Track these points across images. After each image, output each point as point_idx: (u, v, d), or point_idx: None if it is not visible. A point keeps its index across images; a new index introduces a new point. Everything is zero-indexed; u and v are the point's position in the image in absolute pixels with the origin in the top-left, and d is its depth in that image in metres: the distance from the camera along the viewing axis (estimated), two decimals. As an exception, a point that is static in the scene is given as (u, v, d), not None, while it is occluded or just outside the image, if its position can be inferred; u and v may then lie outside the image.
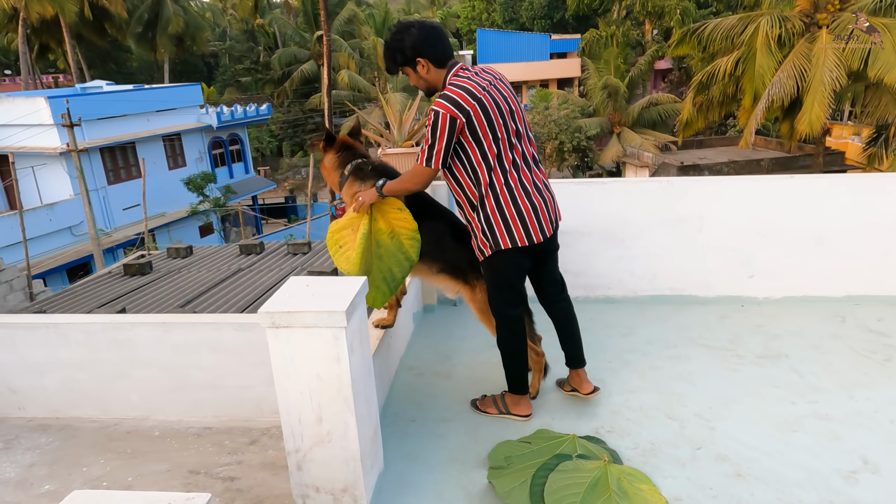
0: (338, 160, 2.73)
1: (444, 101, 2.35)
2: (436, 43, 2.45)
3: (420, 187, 2.52)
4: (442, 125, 2.33)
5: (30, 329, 3.39)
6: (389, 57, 2.51)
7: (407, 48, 2.43)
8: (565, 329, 2.71)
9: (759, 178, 3.50)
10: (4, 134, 18.51)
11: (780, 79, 14.82)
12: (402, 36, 2.44)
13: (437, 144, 2.37)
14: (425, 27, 2.46)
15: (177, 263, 8.11)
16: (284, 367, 1.88)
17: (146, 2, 31.43)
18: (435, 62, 2.46)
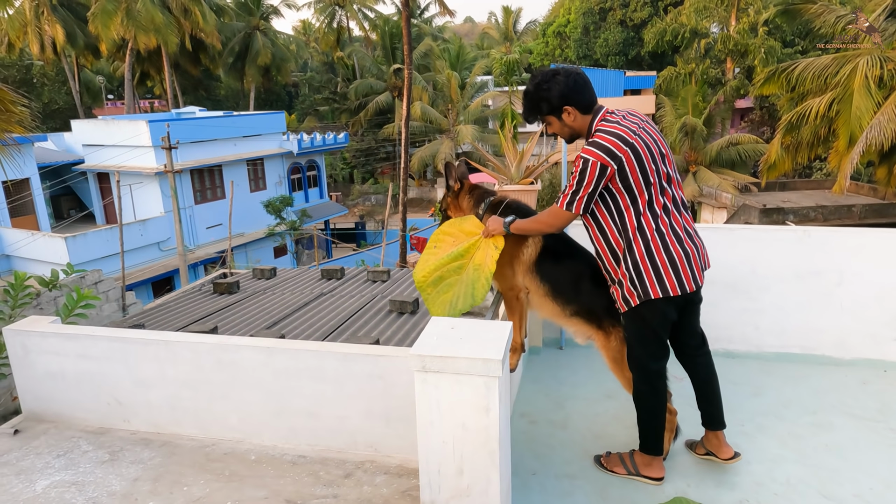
0: (472, 200, 2.70)
1: (596, 148, 2.26)
2: (583, 89, 2.36)
3: (554, 230, 2.43)
4: (591, 173, 2.25)
5: (142, 345, 3.48)
6: (533, 107, 2.42)
7: (554, 97, 2.35)
8: (705, 387, 2.50)
9: (909, 231, 3.18)
10: (108, 154, 19.93)
11: (881, 121, 13.97)
12: (549, 84, 2.35)
13: (582, 191, 2.29)
14: (571, 74, 2.37)
15: (262, 284, 8.30)
16: (429, 413, 1.78)
17: (238, 35, 33.47)
18: (582, 109, 2.37)
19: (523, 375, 3.36)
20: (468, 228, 2.61)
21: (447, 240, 2.60)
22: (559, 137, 2.50)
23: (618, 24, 40.24)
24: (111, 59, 33.79)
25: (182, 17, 27.19)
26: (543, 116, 2.42)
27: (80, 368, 3.48)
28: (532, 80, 2.42)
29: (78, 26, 27.56)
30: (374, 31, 39.57)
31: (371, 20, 40.13)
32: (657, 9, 39.03)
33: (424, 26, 41.00)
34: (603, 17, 40.97)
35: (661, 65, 38.04)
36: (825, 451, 2.59)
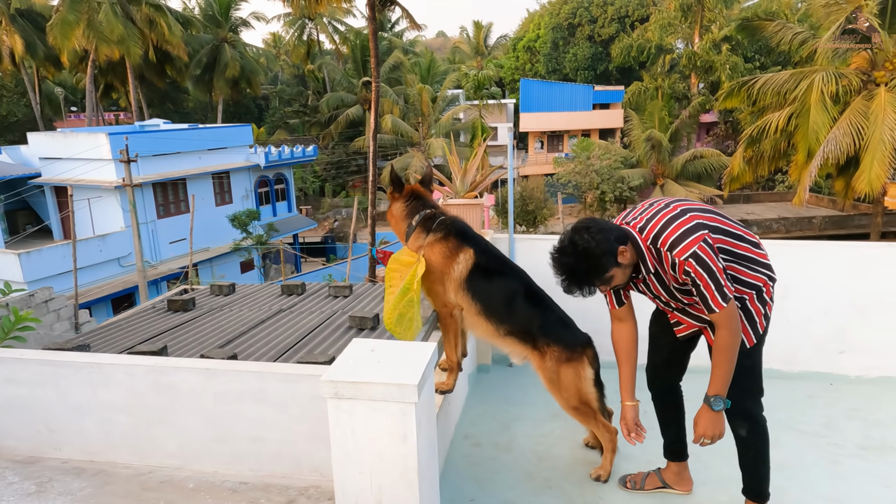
0: (406, 210, 2.58)
1: (686, 239, 2.07)
2: (609, 225, 2.19)
3: (737, 331, 2.16)
4: (708, 256, 2.05)
5: (74, 368, 3.30)
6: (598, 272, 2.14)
7: (607, 247, 2.11)
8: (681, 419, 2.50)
9: (854, 245, 3.20)
10: (65, 167, 19.39)
11: (836, 136, 14.41)
12: (592, 244, 2.10)
13: (719, 276, 2.07)
14: (592, 221, 2.17)
15: (219, 301, 8.09)
16: (344, 442, 1.68)
17: (206, 47, 33.07)
18: (627, 240, 2.17)
19: (470, 395, 3.27)
20: (405, 259, 2.55)
21: (395, 276, 2.56)
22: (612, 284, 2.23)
23: (586, 39, 40.99)
24: (74, 71, 33.05)
25: (147, 29, 26.75)
26: (609, 273, 2.16)
27: (8, 394, 3.29)
28: (564, 254, 2.16)
29: (38, 37, 26.90)
30: (345, 45, 39.57)
31: (341, 33, 40.12)
32: (624, 25, 39.90)
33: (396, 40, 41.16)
34: (572, 33, 41.69)
35: (629, 79, 38.84)
36: (771, 470, 2.54)
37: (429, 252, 2.51)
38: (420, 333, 2.39)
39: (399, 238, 2.66)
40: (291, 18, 39.25)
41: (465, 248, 2.50)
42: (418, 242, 2.53)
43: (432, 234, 2.51)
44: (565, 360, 2.47)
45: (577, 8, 40.96)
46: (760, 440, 2.30)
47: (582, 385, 2.50)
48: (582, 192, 26.84)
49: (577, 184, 26.69)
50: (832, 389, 3.24)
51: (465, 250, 2.50)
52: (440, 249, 2.48)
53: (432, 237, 2.50)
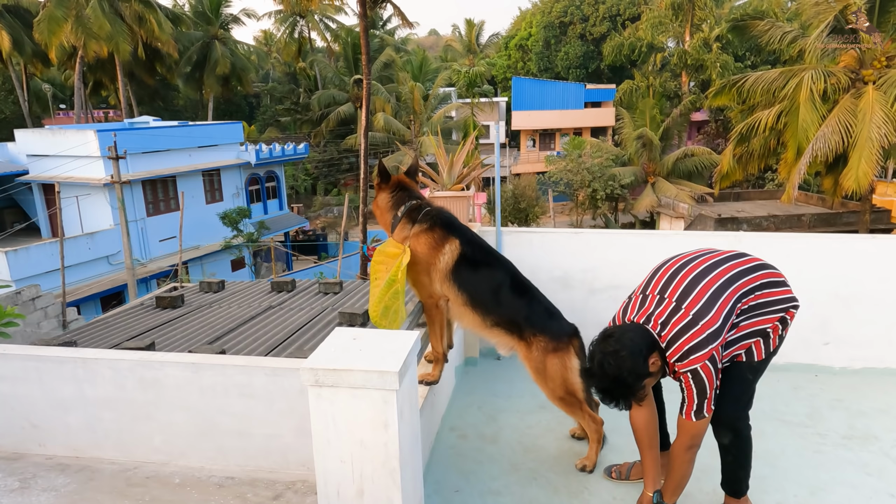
0: (391, 200, 2.57)
1: (692, 354, 2.07)
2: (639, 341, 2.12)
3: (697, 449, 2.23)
4: (707, 375, 2.07)
5: (58, 363, 3.27)
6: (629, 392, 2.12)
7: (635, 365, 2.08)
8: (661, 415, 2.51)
9: (838, 237, 3.22)
10: (53, 164, 19.20)
11: (825, 133, 14.51)
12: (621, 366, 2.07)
13: (708, 393, 2.10)
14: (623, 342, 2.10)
15: (208, 298, 8.05)
16: (325, 430, 1.67)
17: (196, 44, 32.85)
18: (653, 349, 2.14)
19: (457, 388, 3.26)
20: (390, 251, 2.53)
21: (381, 269, 2.55)
22: None
23: (578, 38, 41.06)
24: (62, 68, 32.73)
25: (136, 25, 26.52)
26: (642, 392, 2.16)
27: (-10, 390, 3.25)
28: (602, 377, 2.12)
29: (25, 33, 26.59)
30: (336, 42, 39.43)
31: (333, 31, 39.98)
32: (615, 24, 40.00)
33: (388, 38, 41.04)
34: (563, 31, 41.75)
35: (621, 78, 38.95)
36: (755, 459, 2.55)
37: (414, 243, 2.50)
38: (405, 324, 2.38)
39: (384, 229, 2.65)
40: (282, 15, 39.07)
41: (451, 239, 2.50)
42: (404, 233, 2.52)
43: (418, 225, 2.51)
44: (552, 350, 2.47)
45: (569, 6, 41.03)
46: (741, 450, 2.34)
47: (568, 375, 2.50)
48: (574, 190, 26.91)
49: (569, 182, 26.76)
50: (817, 381, 3.26)
51: (451, 241, 2.50)
52: (426, 240, 2.48)
53: (418, 228, 2.49)
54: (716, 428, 2.32)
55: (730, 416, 2.29)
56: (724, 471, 2.37)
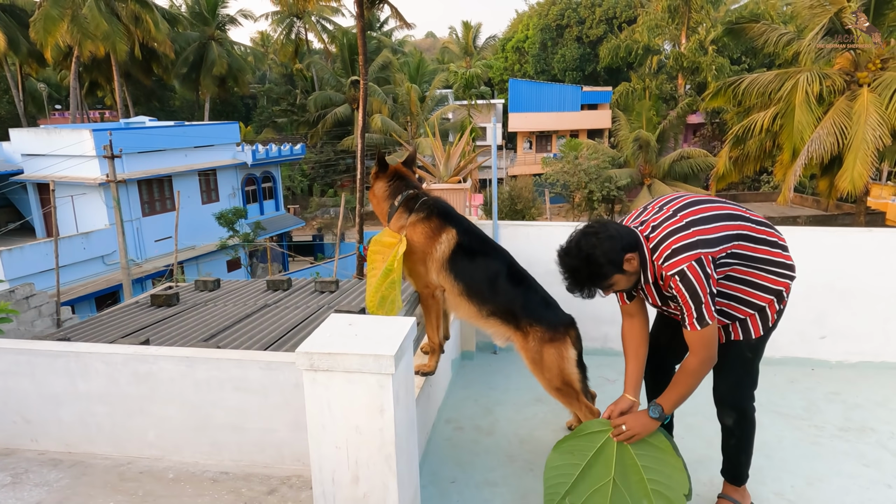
0: (388, 189, 2.55)
1: (679, 255, 2.00)
2: (623, 231, 2.10)
3: (713, 359, 2.10)
4: (696, 277, 1.98)
5: (51, 357, 3.24)
6: (600, 277, 2.07)
7: (613, 254, 2.04)
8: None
9: (835, 230, 3.23)
10: (48, 163, 19.13)
11: (820, 135, 14.56)
12: (598, 249, 2.03)
13: (703, 298, 2.00)
14: (601, 224, 2.10)
15: (203, 296, 8.02)
16: (320, 415, 1.65)
17: (193, 44, 32.80)
18: (634, 249, 2.09)
19: (453, 381, 3.25)
20: (387, 241, 2.52)
21: (377, 259, 2.52)
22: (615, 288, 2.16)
23: (574, 40, 41.17)
24: (58, 68, 32.64)
25: (132, 25, 26.46)
26: (609, 280, 2.10)
27: (-18, 384, 3.22)
28: (570, 255, 2.08)
29: (21, 33, 26.51)
30: (333, 43, 39.43)
31: (330, 32, 39.98)
32: (612, 26, 40.13)
33: (385, 39, 41.10)
34: (560, 34, 41.86)
35: (617, 80, 39.06)
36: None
37: (411, 232, 2.49)
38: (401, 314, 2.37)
39: (381, 219, 2.63)
40: (280, 16, 39.06)
41: (447, 228, 2.49)
42: (400, 222, 2.51)
43: (415, 214, 2.50)
44: (548, 341, 2.46)
45: (566, 9, 41.14)
46: (745, 432, 2.30)
47: (565, 365, 2.49)
48: (570, 191, 26.96)
49: (566, 183, 26.81)
50: (813, 374, 3.26)
51: (447, 230, 2.49)
52: (422, 229, 2.47)
53: (415, 217, 2.48)
54: (720, 409, 2.29)
55: (734, 397, 2.25)
56: (726, 456, 2.34)
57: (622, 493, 2.02)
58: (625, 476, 2.04)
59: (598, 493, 2.03)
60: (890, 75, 14.25)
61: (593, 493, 2.03)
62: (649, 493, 2.01)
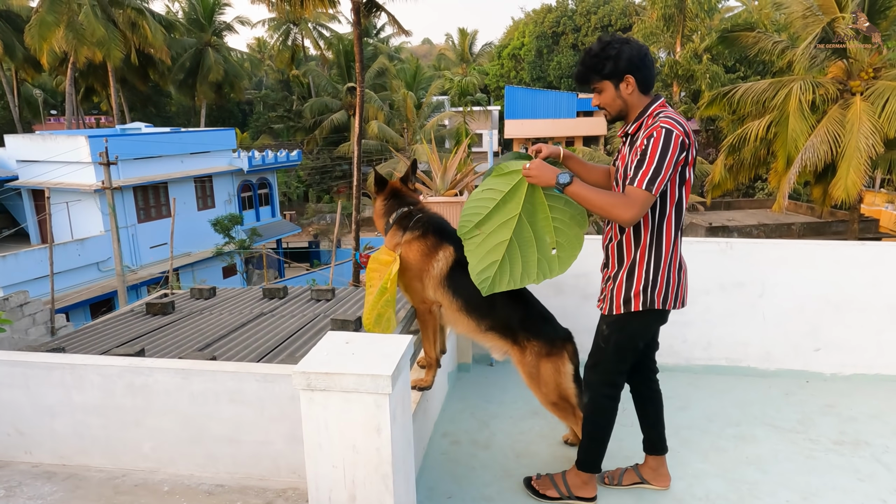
0: (384, 207, 2.58)
1: (676, 123, 2.06)
2: (651, 66, 2.20)
3: (630, 216, 2.07)
4: (675, 146, 2.02)
5: (46, 369, 3.23)
6: (596, 65, 2.15)
7: (623, 59, 2.12)
8: (655, 412, 2.48)
9: (828, 244, 3.25)
10: (43, 169, 19.08)
11: (814, 143, 14.66)
12: (620, 47, 2.13)
13: (665, 166, 2.02)
14: (642, 47, 2.19)
15: (199, 304, 8.00)
16: (317, 435, 1.65)
17: (189, 50, 32.82)
18: (642, 86, 2.18)
19: (449, 394, 3.25)
20: (383, 259, 2.53)
21: (374, 276, 2.53)
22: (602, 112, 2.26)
23: (570, 47, 41.39)
24: (54, 74, 32.58)
25: (128, 31, 26.46)
26: (601, 79, 2.17)
27: (-25, 396, 3.20)
28: (600, 40, 2.18)
29: (16, 38, 26.47)
30: (330, 50, 39.52)
31: (326, 39, 40.08)
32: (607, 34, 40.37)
33: (381, 46, 41.22)
34: (556, 41, 42.09)
35: (612, 88, 39.18)
36: (746, 465, 2.57)
37: (405, 250, 2.51)
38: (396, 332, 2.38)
39: (382, 235, 2.66)
40: (276, 23, 39.14)
41: (444, 246, 2.51)
42: (395, 240, 2.53)
43: (409, 233, 2.51)
44: (545, 355, 2.47)
45: (561, 17, 41.39)
46: (609, 414, 2.33)
47: (561, 380, 2.50)
48: (566, 198, 27.02)
49: (562, 190, 26.83)
50: (808, 387, 3.28)
51: (444, 248, 2.50)
52: (417, 247, 2.48)
53: (409, 235, 2.50)
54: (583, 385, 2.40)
55: (587, 377, 2.35)
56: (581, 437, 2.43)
57: (526, 226, 2.25)
58: (532, 213, 2.25)
59: (504, 226, 2.25)
60: (882, 84, 14.38)
61: (501, 224, 2.25)
62: (552, 229, 2.24)
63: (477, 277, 2.29)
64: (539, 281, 2.29)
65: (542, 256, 2.25)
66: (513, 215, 2.24)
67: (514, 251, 2.25)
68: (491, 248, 2.25)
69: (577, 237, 2.26)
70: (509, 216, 2.25)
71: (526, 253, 2.25)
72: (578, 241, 2.26)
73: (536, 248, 2.25)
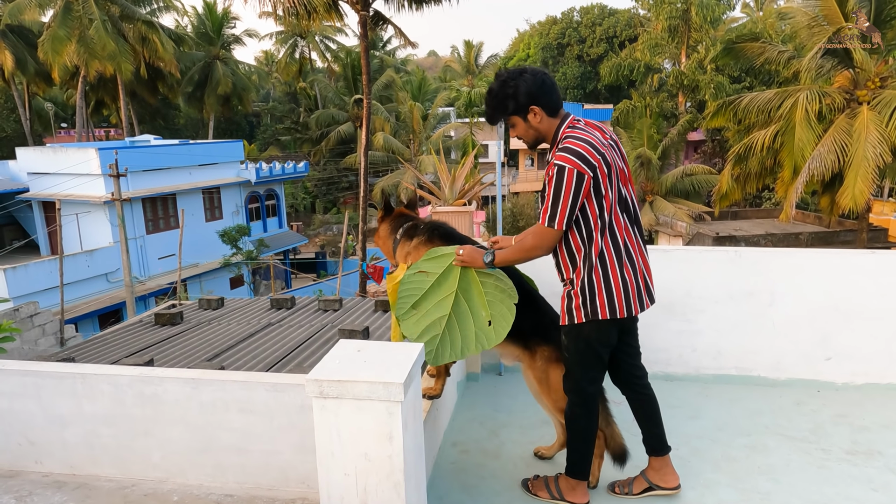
0: (390, 227, 2.64)
1: (570, 154, 2.14)
2: (550, 90, 2.27)
3: (543, 252, 2.27)
4: (568, 181, 2.12)
5: (57, 378, 3.25)
6: (498, 105, 2.29)
7: (521, 94, 2.23)
8: (651, 416, 2.46)
9: (838, 252, 3.24)
10: (54, 182, 19.28)
11: (821, 153, 14.62)
12: (516, 82, 2.23)
13: (561, 202, 2.14)
14: (538, 73, 2.27)
15: (207, 315, 8.03)
16: (329, 443, 1.66)
17: (198, 64, 33.19)
18: (549, 111, 2.27)
19: (458, 403, 3.25)
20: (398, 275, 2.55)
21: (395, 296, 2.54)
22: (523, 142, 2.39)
23: (575, 59, 41.57)
24: (65, 87, 33.01)
25: (139, 45, 26.81)
26: (508, 116, 2.30)
27: (-13, 406, 3.23)
28: (497, 78, 2.30)
29: (29, 53, 26.87)
30: (336, 62, 39.86)
31: (333, 51, 40.44)
32: (612, 45, 40.54)
33: (388, 58, 41.51)
34: (561, 53, 42.28)
35: (618, 98, 39.33)
36: (758, 474, 2.55)
37: (415, 255, 2.53)
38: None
39: (387, 256, 2.69)
40: (283, 36, 39.53)
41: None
42: (405, 250, 2.55)
43: (417, 238, 2.54)
44: (555, 360, 2.47)
45: (566, 28, 41.61)
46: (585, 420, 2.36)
47: None
48: (572, 208, 27.02)
49: (567, 200, 26.84)
50: (819, 396, 3.25)
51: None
52: (426, 251, 2.50)
53: (417, 240, 2.53)
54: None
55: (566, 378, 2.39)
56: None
57: (462, 302, 2.41)
58: (467, 290, 2.42)
59: (443, 303, 2.41)
60: (889, 93, 14.34)
61: (439, 302, 2.40)
62: (486, 303, 2.40)
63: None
64: (478, 352, 2.41)
65: (479, 329, 2.39)
66: (450, 292, 2.41)
67: (452, 325, 2.40)
68: (430, 323, 2.39)
69: (509, 309, 2.40)
70: (446, 293, 2.41)
71: (464, 326, 2.39)
72: (511, 312, 2.40)
73: (473, 322, 2.39)
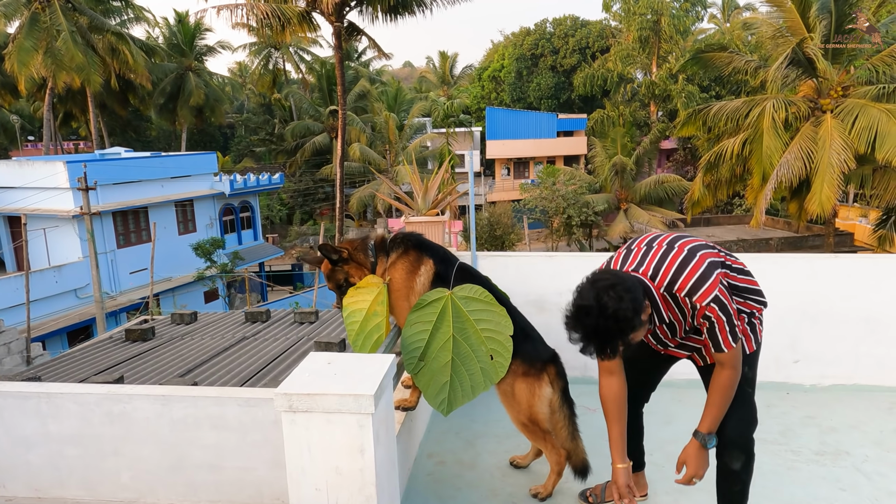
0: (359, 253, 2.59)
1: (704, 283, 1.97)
2: (634, 282, 1.96)
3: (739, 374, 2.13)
4: (727, 299, 1.98)
5: (21, 398, 3.15)
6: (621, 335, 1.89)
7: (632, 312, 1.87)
8: (639, 425, 2.50)
9: (804, 256, 3.32)
10: (20, 196, 18.79)
11: (788, 160, 15.01)
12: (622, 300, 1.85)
13: (734, 317, 2.01)
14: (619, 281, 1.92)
15: (180, 330, 7.88)
16: (300, 458, 1.63)
17: (170, 75, 32.78)
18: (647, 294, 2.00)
19: (434, 413, 3.23)
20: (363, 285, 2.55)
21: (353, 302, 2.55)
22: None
23: (549, 69, 42.11)
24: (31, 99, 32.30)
25: (109, 57, 26.38)
26: (634, 335, 1.94)
27: (-54, 429, 3.11)
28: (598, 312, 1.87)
29: (-7, 65, 26.27)
30: (311, 74, 39.75)
31: (307, 62, 40.34)
32: (585, 56, 41.18)
33: (362, 69, 41.54)
34: (535, 63, 42.80)
35: (591, 107, 39.93)
36: (730, 477, 2.57)
37: (392, 271, 2.51)
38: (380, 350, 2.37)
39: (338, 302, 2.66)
40: (257, 48, 39.33)
41: (424, 259, 2.52)
42: (383, 266, 2.53)
43: (393, 253, 2.52)
44: (521, 374, 2.46)
45: (540, 39, 42.16)
46: (749, 474, 2.20)
47: (534, 402, 2.47)
48: (549, 216, 27.25)
49: (544, 209, 27.12)
50: (788, 398, 3.31)
51: (425, 261, 2.52)
52: (402, 265, 2.49)
53: (394, 255, 2.51)
54: (727, 452, 2.17)
55: (742, 436, 2.17)
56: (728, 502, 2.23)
57: (462, 343, 2.46)
58: (463, 330, 2.47)
59: (443, 349, 2.46)
60: (851, 102, 14.81)
61: (440, 349, 2.45)
62: (483, 339, 2.45)
63: (434, 401, 2.46)
64: (488, 388, 2.45)
65: (484, 365, 2.44)
66: (448, 337, 2.47)
67: (458, 368, 2.45)
68: (438, 370, 2.45)
69: (507, 340, 2.45)
70: (444, 339, 2.47)
71: (469, 366, 2.44)
72: (509, 343, 2.45)
73: (476, 360, 2.45)
